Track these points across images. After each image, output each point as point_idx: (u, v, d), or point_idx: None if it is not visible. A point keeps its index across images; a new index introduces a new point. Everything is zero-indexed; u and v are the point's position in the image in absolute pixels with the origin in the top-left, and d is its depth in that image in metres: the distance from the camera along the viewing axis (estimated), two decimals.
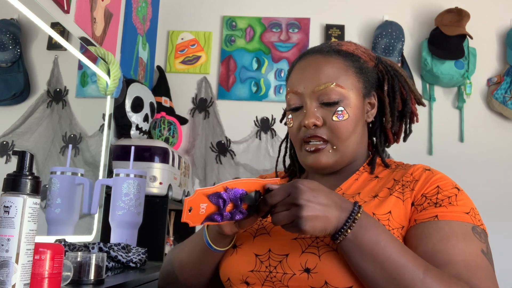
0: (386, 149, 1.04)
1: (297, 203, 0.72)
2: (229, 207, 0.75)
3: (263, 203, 0.76)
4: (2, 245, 0.66)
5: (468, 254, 0.77)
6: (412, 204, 0.85)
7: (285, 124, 1.01)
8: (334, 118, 0.90)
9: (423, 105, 1.04)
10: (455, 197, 0.84)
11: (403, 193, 0.87)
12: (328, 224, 0.73)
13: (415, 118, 1.02)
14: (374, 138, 1.03)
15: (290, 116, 0.97)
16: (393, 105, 0.99)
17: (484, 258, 0.78)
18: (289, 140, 1.09)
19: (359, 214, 0.75)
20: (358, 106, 0.93)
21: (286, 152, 1.10)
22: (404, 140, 1.04)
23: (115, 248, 1.37)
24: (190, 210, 0.71)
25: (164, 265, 1.03)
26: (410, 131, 1.03)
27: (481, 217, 0.84)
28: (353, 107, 0.92)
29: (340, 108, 0.91)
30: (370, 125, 1.03)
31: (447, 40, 2.62)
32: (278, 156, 1.10)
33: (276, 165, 1.09)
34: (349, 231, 0.74)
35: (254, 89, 2.81)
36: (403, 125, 1.03)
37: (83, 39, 1.85)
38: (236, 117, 2.80)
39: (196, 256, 0.92)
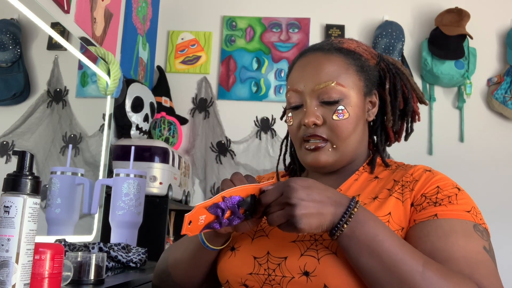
0: (387, 148, 1.03)
1: (290, 202, 0.72)
2: (227, 214, 0.75)
3: (258, 203, 0.76)
4: (2, 245, 0.66)
5: (468, 250, 0.76)
6: (412, 205, 0.84)
7: (285, 122, 1.00)
8: (334, 117, 0.89)
9: (425, 103, 1.02)
10: (455, 196, 0.83)
11: (403, 194, 0.86)
12: (324, 220, 0.73)
13: (416, 117, 1.01)
14: (375, 137, 1.02)
15: (290, 114, 0.95)
16: (394, 103, 0.98)
17: (486, 254, 0.76)
18: (289, 139, 1.08)
19: (355, 209, 0.74)
20: (359, 105, 0.92)
21: (286, 150, 1.09)
22: (406, 139, 1.03)
23: (115, 248, 1.37)
24: (189, 223, 0.72)
25: (158, 263, 1.03)
26: (412, 130, 1.02)
27: (483, 216, 0.83)
28: (354, 106, 0.91)
29: (340, 107, 0.90)
30: (371, 124, 1.02)
31: (447, 40, 2.62)
32: (280, 155, 1.09)
33: (277, 164, 1.08)
34: (345, 226, 0.73)
35: (254, 89, 2.81)
36: (405, 124, 1.02)
37: (83, 39, 1.85)
38: (236, 117, 2.80)
39: (190, 254, 0.92)
